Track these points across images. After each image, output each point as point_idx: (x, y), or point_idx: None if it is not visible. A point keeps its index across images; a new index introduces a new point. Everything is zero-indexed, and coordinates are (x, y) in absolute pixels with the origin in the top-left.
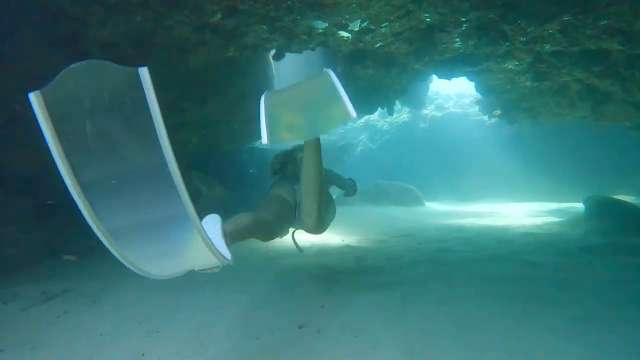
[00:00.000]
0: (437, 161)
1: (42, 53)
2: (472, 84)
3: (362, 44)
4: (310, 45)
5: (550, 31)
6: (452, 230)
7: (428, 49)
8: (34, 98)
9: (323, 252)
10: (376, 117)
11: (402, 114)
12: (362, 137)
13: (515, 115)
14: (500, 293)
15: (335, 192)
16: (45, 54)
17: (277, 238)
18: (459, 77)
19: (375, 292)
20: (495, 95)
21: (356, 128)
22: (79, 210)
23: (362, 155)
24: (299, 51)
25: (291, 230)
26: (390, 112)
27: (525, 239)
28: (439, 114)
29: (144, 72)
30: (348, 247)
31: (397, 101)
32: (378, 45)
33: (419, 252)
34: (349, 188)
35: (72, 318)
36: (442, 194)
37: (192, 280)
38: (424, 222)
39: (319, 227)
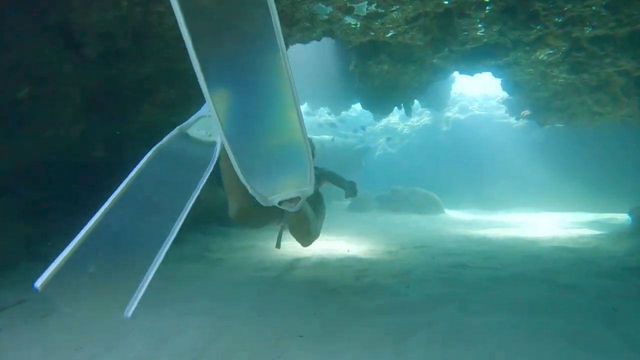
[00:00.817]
0: (460, 167)
1: (33, 43)
2: (498, 80)
3: (372, 33)
4: (315, 34)
5: (594, 7)
6: (473, 242)
7: (447, 39)
8: None
9: (322, 264)
10: (396, 120)
11: (422, 117)
12: (381, 140)
13: (547, 117)
14: (528, 327)
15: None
16: (37, 44)
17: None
18: (483, 73)
19: (370, 319)
20: (524, 94)
21: (375, 132)
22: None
23: (380, 159)
24: (303, 41)
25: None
26: (408, 113)
27: (556, 255)
28: (462, 117)
29: None
30: (352, 258)
31: (417, 102)
32: (390, 34)
33: (431, 267)
34: (349, 189)
35: (4, 338)
36: (465, 201)
37: (161, 295)
38: (442, 232)
39: (308, 244)
